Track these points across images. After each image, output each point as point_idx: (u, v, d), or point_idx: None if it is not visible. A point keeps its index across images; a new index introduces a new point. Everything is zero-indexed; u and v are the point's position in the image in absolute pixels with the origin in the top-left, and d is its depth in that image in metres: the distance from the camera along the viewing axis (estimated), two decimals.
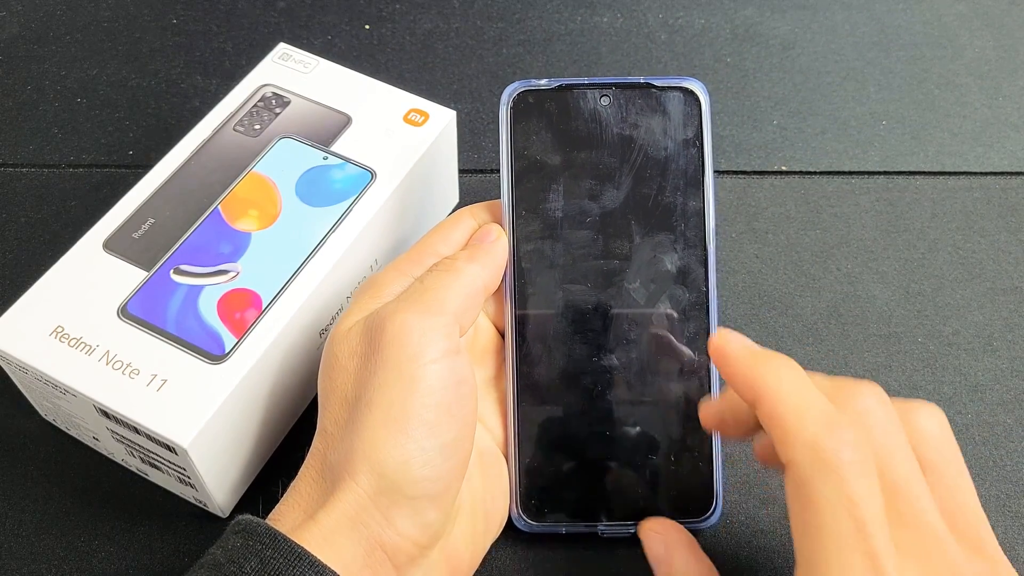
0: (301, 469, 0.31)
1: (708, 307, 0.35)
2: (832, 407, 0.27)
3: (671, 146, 0.35)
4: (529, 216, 0.36)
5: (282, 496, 0.31)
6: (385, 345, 0.31)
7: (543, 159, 0.36)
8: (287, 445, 0.39)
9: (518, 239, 0.36)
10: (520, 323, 0.36)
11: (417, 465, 0.29)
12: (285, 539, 0.28)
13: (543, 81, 0.36)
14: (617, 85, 0.36)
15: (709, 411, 0.32)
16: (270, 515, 0.30)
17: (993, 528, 0.38)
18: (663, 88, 0.36)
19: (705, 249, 0.35)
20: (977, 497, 0.29)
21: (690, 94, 0.36)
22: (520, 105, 0.36)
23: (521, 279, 0.36)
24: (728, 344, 0.30)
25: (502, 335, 0.37)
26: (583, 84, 0.36)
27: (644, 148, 0.35)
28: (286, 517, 0.30)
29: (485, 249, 0.35)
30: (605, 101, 0.36)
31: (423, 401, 0.30)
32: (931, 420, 0.29)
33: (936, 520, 0.27)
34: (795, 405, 0.27)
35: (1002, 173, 0.51)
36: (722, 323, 0.44)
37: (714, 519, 0.35)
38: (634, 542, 0.37)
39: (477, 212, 0.37)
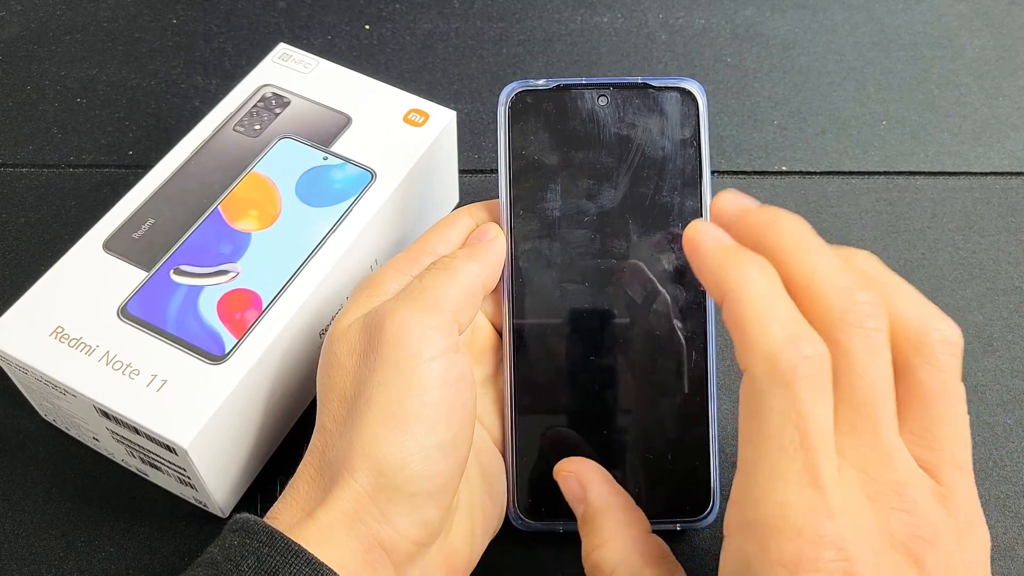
0: (299, 467, 0.31)
1: (705, 306, 0.35)
2: (798, 317, 0.26)
3: (668, 146, 0.35)
4: (527, 215, 0.36)
5: (280, 494, 0.31)
6: (384, 343, 0.31)
7: (541, 159, 0.36)
8: (287, 445, 0.39)
9: (516, 238, 0.36)
10: (518, 322, 0.36)
11: (416, 462, 0.29)
12: (282, 537, 0.28)
13: (541, 81, 0.36)
14: (615, 85, 0.36)
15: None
16: (268, 513, 0.30)
17: (993, 528, 0.38)
18: (660, 88, 0.36)
19: None
20: (960, 426, 0.28)
21: (687, 94, 0.36)
22: (518, 105, 0.36)
23: (519, 278, 0.36)
24: (701, 237, 0.28)
25: (500, 334, 0.37)
26: (581, 84, 0.36)
27: (642, 148, 0.36)
28: (284, 515, 0.30)
29: (483, 248, 0.35)
30: (603, 101, 0.36)
31: (422, 399, 0.30)
32: (940, 340, 0.27)
33: (891, 438, 0.26)
34: (759, 312, 0.26)
35: (1002, 173, 0.51)
36: (720, 322, 0.44)
37: (712, 517, 0.35)
38: None
39: (475, 211, 0.37)
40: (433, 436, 0.30)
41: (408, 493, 0.29)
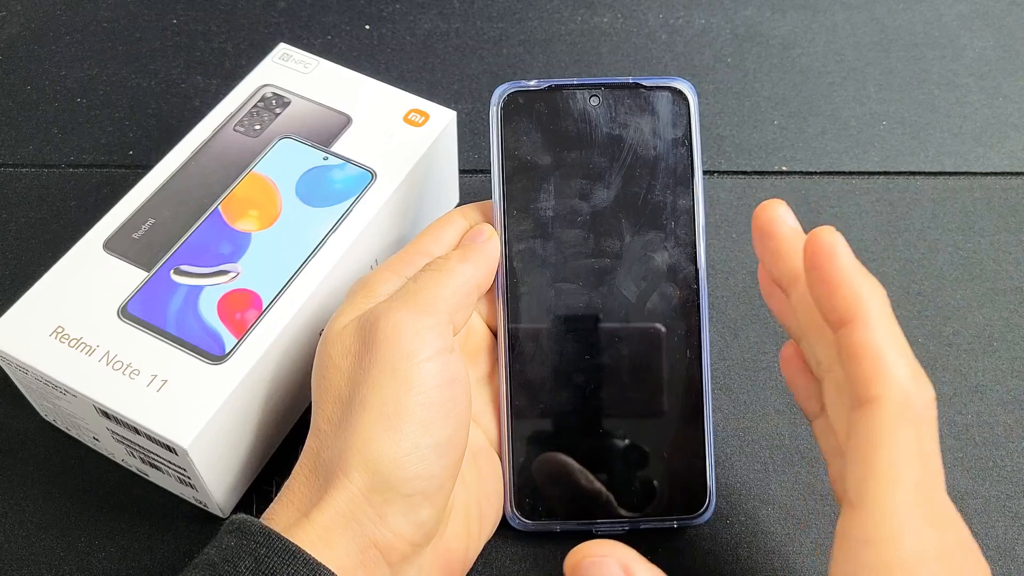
0: (295, 468, 0.31)
1: (699, 304, 0.36)
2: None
3: (660, 145, 0.36)
4: (520, 216, 0.36)
5: (276, 495, 0.31)
6: (379, 344, 0.31)
7: (534, 159, 0.36)
8: (287, 445, 0.39)
9: (510, 239, 0.36)
10: (512, 322, 0.36)
11: (411, 463, 0.29)
12: (279, 537, 0.28)
13: (532, 82, 0.36)
14: (606, 85, 0.36)
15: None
16: (264, 514, 0.30)
17: (993, 527, 0.38)
18: (651, 88, 0.36)
19: (695, 247, 0.36)
20: None
21: (678, 94, 0.36)
22: (510, 106, 0.36)
23: (513, 278, 0.36)
24: (839, 248, 0.28)
25: (495, 334, 0.37)
26: (572, 85, 0.36)
27: (634, 147, 0.36)
28: (280, 516, 0.30)
29: (477, 249, 0.35)
30: (594, 101, 0.36)
31: (417, 399, 0.30)
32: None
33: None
34: (896, 343, 0.26)
35: (1002, 173, 0.51)
36: (721, 322, 0.44)
37: (708, 514, 0.35)
38: (629, 540, 0.37)
39: (469, 213, 0.37)
40: (428, 436, 0.30)
41: (403, 494, 0.29)
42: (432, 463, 0.30)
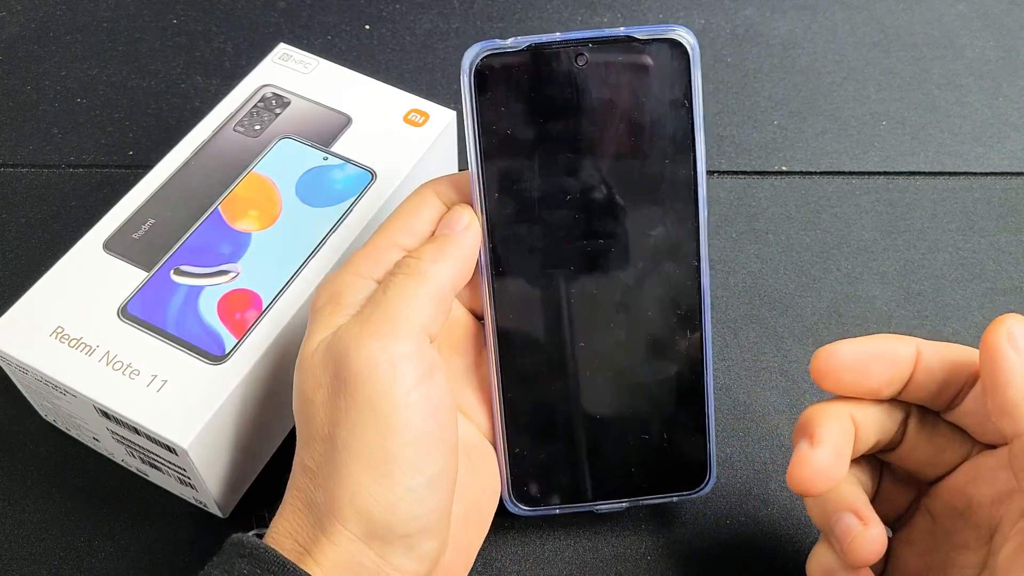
0: (285, 498, 0.30)
1: (700, 280, 0.34)
2: None
3: (657, 108, 0.32)
4: (503, 195, 0.32)
5: (269, 523, 0.30)
6: (351, 380, 0.28)
7: (515, 131, 0.32)
8: (287, 445, 0.39)
9: (492, 220, 0.32)
10: (499, 307, 0.33)
11: (406, 505, 0.28)
12: (295, 568, 0.27)
13: (508, 41, 0.31)
14: (594, 41, 0.31)
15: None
16: (262, 542, 0.29)
17: None
18: (646, 41, 0.31)
19: (696, 220, 0.33)
20: None
21: (677, 46, 0.31)
22: (484, 72, 0.31)
23: (497, 264, 0.33)
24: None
25: (478, 318, 0.35)
26: (555, 42, 0.31)
27: (627, 112, 0.32)
28: (280, 546, 0.29)
29: (454, 241, 0.31)
30: (581, 61, 0.31)
31: (404, 439, 0.28)
32: None
33: None
34: None
35: (1002, 173, 0.51)
36: (721, 322, 0.44)
37: (708, 488, 0.35)
38: (629, 518, 0.37)
39: (443, 190, 0.33)
40: (419, 475, 0.29)
41: (402, 534, 0.29)
42: (427, 500, 0.29)
